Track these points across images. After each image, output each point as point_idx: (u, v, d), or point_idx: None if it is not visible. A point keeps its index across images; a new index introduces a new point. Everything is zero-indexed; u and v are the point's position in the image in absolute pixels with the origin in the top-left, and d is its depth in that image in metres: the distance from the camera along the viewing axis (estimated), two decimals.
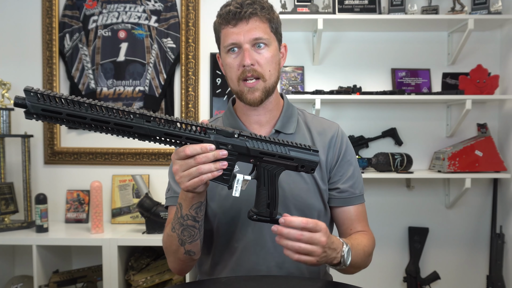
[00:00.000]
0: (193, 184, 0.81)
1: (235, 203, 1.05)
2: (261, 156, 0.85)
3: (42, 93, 0.70)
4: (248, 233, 1.06)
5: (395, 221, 2.31)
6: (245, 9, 0.98)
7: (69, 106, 0.72)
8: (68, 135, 2.31)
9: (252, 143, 0.84)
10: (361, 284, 1.49)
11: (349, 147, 1.13)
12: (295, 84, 2.25)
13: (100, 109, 0.73)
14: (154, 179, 2.30)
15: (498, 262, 2.19)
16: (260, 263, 1.05)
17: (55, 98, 0.71)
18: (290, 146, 0.86)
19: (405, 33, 2.28)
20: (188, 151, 0.79)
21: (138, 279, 1.96)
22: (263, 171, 0.86)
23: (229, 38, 1.01)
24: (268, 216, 0.88)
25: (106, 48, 2.28)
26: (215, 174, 0.81)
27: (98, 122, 0.74)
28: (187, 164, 0.80)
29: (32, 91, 0.70)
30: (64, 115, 0.71)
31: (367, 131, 2.28)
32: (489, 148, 2.10)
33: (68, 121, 0.72)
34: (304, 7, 2.13)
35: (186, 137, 0.80)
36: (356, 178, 1.11)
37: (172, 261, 1.04)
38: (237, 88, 1.03)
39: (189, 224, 0.93)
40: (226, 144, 0.82)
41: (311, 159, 0.87)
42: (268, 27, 1.02)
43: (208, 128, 0.81)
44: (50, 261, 2.05)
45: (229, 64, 1.03)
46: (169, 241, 1.00)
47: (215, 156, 0.80)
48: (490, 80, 2.10)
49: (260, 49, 1.01)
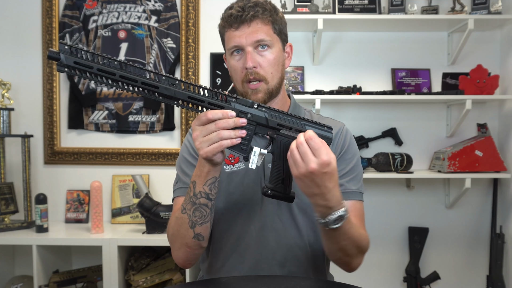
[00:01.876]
0: (212, 150, 0.83)
1: (239, 200, 1.06)
2: (279, 128, 0.87)
3: (76, 47, 0.75)
4: (251, 231, 1.06)
5: (395, 221, 2.31)
6: (247, 12, 1.00)
7: (100, 61, 0.76)
8: (68, 135, 2.31)
9: (270, 114, 0.86)
10: (361, 284, 1.49)
11: (352, 145, 1.11)
12: (295, 84, 2.25)
13: (130, 68, 0.77)
14: (154, 179, 2.30)
15: (498, 262, 2.19)
16: (262, 262, 1.05)
17: (87, 53, 0.75)
18: (306, 121, 0.88)
19: (405, 33, 2.28)
20: (210, 115, 0.81)
21: (138, 279, 1.96)
22: (279, 145, 0.88)
23: (232, 41, 1.03)
24: (282, 192, 0.89)
25: (106, 48, 2.28)
26: (234, 141, 0.83)
27: (127, 80, 0.78)
28: (207, 129, 0.82)
29: (67, 44, 0.74)
30: (95, 69, 0.75)
31: (367, 131, 2.28)
32: (489, 148, 2.10)
33: (98, 75, 0.76)
34: (304, 7, 2.13)
35: (208, 102, 0.83)
36: (354, 175, 1.09)
37: (178, 249, 1.01)
38: (242, 90, 1.05)
39: (202, 202, 0.93)
40: (246, 113, 0.85)
41: (325, 135, 0.88)
42: (270, 29, 1.04)
43: (229, 96, 0.84)
44: (50, 261, 2.05)
45: (233, 66, 1.05)
46: (177, 224, 0.98)
47: (235, 123, 0.82)
48: (490, 80, 2.10)
49: (262, 51, 1.03)
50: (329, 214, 0.86)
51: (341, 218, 0.86)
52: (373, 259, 2.29)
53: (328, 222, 0.86)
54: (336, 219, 0.86)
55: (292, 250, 1.06)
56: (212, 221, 0.99)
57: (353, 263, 1.00)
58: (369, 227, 2.29)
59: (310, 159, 0.80)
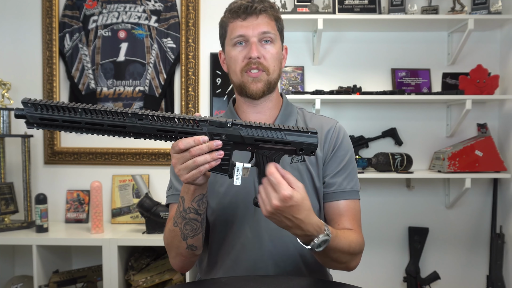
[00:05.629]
0: (192, 176, 0.82)
1: (233, 201, 1.06)
2: (257, 143, 0.84)
3: (38, 103, 0.74)
4: (246, 231, 1.06)
5: (395, 221, 2.31)
6: (256, 4, 1.02)
7: (64, 113, 0.76)
8: (68, 135, 2.31)
9: (246, 131, 0.84)
10: (361, 284, 1.49)
11: (345, 142, 1.10)
12: (295, 84, 2.25)
13: (93, 113, 0.77)
14: (154, 179, 2.30)
15: (498, 262, 2.19)
16: (258, 261, 1.05)
17: (50, 107, 0.75)
18: (287, 130, 0.85)
19: (405, 33, 2.28)
20: (182, 145, 0.80)
21: (138, 279, 1.96)
22: (261, 158, 0.86)
23: (237, 31, 1.03)
24: None
25: (106, 48, 2.28)
26: (212, 164, 0.81)
27: (93, 125, 0.77)
28: (183, 157, 0.81)
29: (30, 102, 0.74)
30: (60, 121, 0.76)
31: (367, 131, 2.28)
32: (489, 148, 2.10)
33: (65, 127, 0.76)
34: (304, 7, 2.13)
35: (178, 131, 0.81)
36: (347, 174, 1.08)
37: (173, 257, 1.04)
38: (240, 80, 1.05)
39: (191, 217, 0.94)
40: (219, 135, 0.83)
41: (310, 141, 0.86)
42: (275, 25, 1.06)
43: (201, 120, 0.82)
44: (50, 261, 2.05)
45: (233, 56, 1.05)
46: (171, 236, 1.00)
47: (209, 147, 0.80)
48: (490, 80, 2.10)
49: (266, 44, 1.04)
50: (312, 241, 0.86)
51: (324, 241, 0.87)
52: (373, 259, 2.29)
53: (312, 247, 0.87)
54: (319, 244, 0.86)
55: (288, 249, 1.06)
56: (204, 231, 1.00)
57: (350, 266, 1.02)
58: (369, 227, 2.30)
59: (272, 196, 0.81)
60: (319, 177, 1.07)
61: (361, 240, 1.04)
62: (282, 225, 0.85)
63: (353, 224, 1.05)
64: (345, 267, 1.01)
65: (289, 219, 0.83)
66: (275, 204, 0.80)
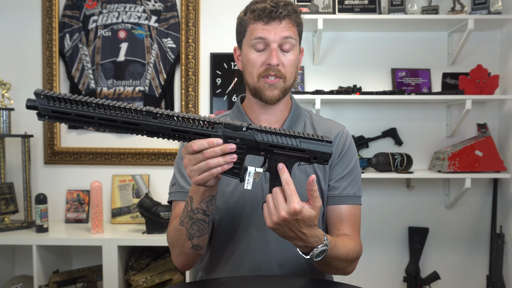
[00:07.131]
0: (203, 178, 0.81)
1: (240, 200, 1.05)
2: (271, 149, 0.83)
3: (52, 95, 0.72)
4: (252, 231, 1.06)
5: (395, 221, 2.31)
6: (281, 10, 1.00)
7: (77, 106, 0.74)
8: (68, 135, 2.31)
9: (261, 136, 0.83)
10: (361, 284, 1.49)
11: (351, 149, 1.12)
12: (295, 84, 2.25)
13: (107, 108, 0.75)
14: (154, 179, 2.30)
15: (498, 262, 2.19)
16: (262, 262, 1.05)
17: (64, 100, 0.73)
18: (302, 137, 0.84)
19: (405, 33, 2.28)
20: (196, 147, 0.79)
21: (138, 279, 1.96)
22: (274, 163, 0.85)
23: (257, 33, 1.01)
24: None
25: (106, 48, 2.28)
26: (225, 167, 0.80)
27: (106, 121, 0.76)
28: (196, 159, 0.80)
29: (42, 94, 0.72)
30: (73, 115, 0.74)
31: (367, 131, 2.28)
32: (489, 148, 2.10)
33: (77, 121, 0.75)
34: (304, 7, 2.13)
35: (193, 132, 0.80)
36: (351, 179, 1.09)
37: (177, 255, 1.03)
38: (256, 84, 1.04)
39: (199, 218, 0.93)
40: (234, 138, 0.82)
41: (324, 150, 0.85)
42: (296, 30, 1.05)
43: (216, 123, 0.81)
44: (50, 261, 2.05)
45: (252, 59, 1.03)
46: (176, 235, 0.99)
47: (223, 150, 0.79)
48: (490, 80, 2.10)
49: (285, 51, 1.03)
50: (311, 251, 0.87)
51: (323, 251, 0.88)
52: (373, 259, 2.29)
53: (311, 257, 0.88)
54: (318, 254, 0.88)
55: (293, 250, 1.06)
56: (210, 232, 1.00)
57: (347, 271, 1.04)
58: (369, 227, 2.30)
59: (281, 207, 0.81)
60: (325, 180, 1.08)
61: (359, 247, 1.05)
62: (284, 236, 0.86)
63: (352, 231, 1.07)
64: (342, 273, 1.03)
65: (293, 231, 0.83)
66: (283, 215, 0.80)
